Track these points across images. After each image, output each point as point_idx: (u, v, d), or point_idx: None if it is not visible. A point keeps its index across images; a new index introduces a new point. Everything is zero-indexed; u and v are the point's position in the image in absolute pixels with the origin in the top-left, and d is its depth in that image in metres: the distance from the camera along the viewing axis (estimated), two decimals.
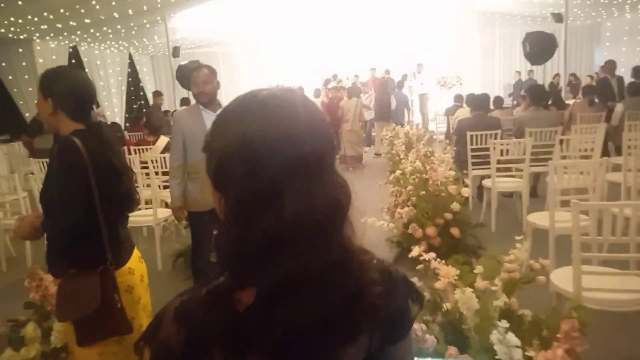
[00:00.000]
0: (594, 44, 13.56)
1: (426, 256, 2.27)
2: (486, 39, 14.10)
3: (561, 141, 5.16)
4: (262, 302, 0.63)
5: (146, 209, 4.44)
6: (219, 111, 3.00)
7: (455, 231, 3.90)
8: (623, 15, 12.15)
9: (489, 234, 4.60)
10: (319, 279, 0.63)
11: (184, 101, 9.23)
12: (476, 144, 5.38)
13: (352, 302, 0.65)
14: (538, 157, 5.08)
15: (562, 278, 2.48)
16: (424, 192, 4.20)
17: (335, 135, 7.41)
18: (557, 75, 11.09)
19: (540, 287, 2.18)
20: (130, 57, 13.43)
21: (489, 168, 5.46)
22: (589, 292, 2.29)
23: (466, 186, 4.16)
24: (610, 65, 8.27)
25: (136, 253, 2.01)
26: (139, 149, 6.05)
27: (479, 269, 2.22)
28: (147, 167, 5.25)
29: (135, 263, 1.96)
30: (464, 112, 7.27)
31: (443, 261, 2.23)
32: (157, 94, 9.23)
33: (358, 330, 0.67)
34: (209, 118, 3.05)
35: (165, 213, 4.37)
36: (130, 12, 8.75)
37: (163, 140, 6.16)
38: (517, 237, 2.22)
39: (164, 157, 5.27)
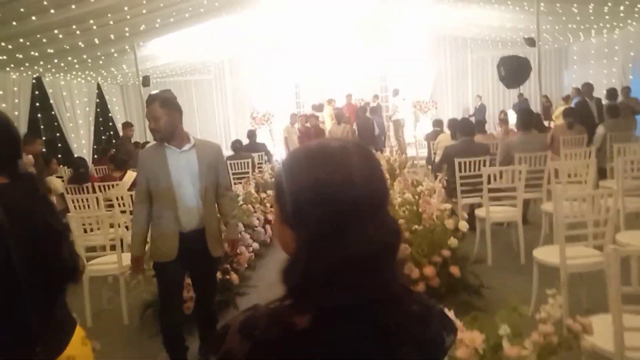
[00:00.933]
0: (562, 66, 13.75)
1: None
2: (459, 63, 14.15)
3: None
4: (317, 326, 0.70)
5: (110, 254, 3.93)
6: (186, 147, 2.75)
7: (455, 270, 3.53)
8: (589, 39, 12.37)
9: (486, 267, 4.25)
10: (369, 310, 0.71)
11: None
12: (465, 171, 5.09)
13: (393, 334, 0.73)
14: (529, 183, 4.81)
15: (597, 332, 2.12)
16: (417, 226, 3.84)
17: None
18: (545, 96, 11.10)
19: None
20: (99, 87, 12.88)
21: (479, 196, 5.19)
22: (632, 351, 1.92)
23: (462, 219, 3.81)
24: (587, 88, 8.26)
25: (79, 333, 1.55)
26: (103, 186, 5.54)
27: (504, 329, 1.84)
28: (112, 206, 4.75)
29: (77, 348, 1.51)
30: (446, 137, 7.03)
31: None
32: (127, 125, 8.69)
33: (402, 343, 0.74)
34: (173, 156, 2.72)
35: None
36: (96, 41, 8.29)
37: (131, 175, 5.67)
38: (549, 291, 1.84)
39: (132, 195, 4.79)
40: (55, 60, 9.01)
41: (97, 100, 12.86)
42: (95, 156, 10.83)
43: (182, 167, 2.70)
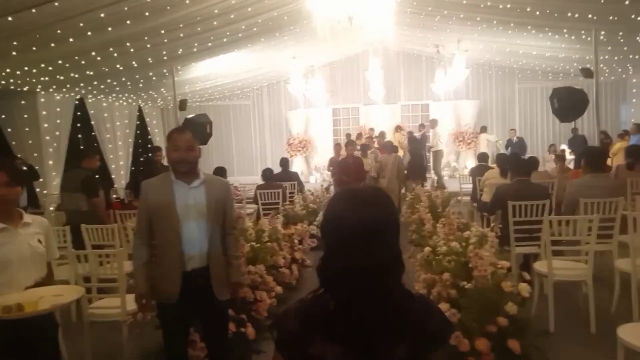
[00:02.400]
0: (619, 100, 12.74)
1: None
2: (506, 94, 13.38)
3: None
4: (339, 309, 1.06)
5: (114, 296, 3.47)
6: (196, 183, 2.54)
7: (514, 345, 2.84)
8: None
9: (549, 336, 3.52)
10: (377, 301, 1.05)
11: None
12: (520, 216, 4.39)
13: (398, 318, 1.07)
14: (598, 234, 4.06)
15: None
16: (467, 284, 3.19)
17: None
18: (604, 132, 10.20)
19: None
20: (140, 109, 12.91)
21: (535, 245, 4.47)
22: None
23: (525, 281, 3.13)
24: None
25: None
26: (123, 214, 5.17)
27: None
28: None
29: None
30: (494, 174, 6.33)
31: None
32: (156, 150, 8.42)
33: (403, 334, 1.06)
34: (181, 191, 2.51)
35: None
36: (134, 64, 8.17)
37: None
38: None
39: None
40: (95, 82, 8.97)
41: (138, 122, 12.89)
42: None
43: (190, 203, 2.50)
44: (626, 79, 12.55)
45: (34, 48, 6.24)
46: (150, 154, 13.56)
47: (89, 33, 6.20)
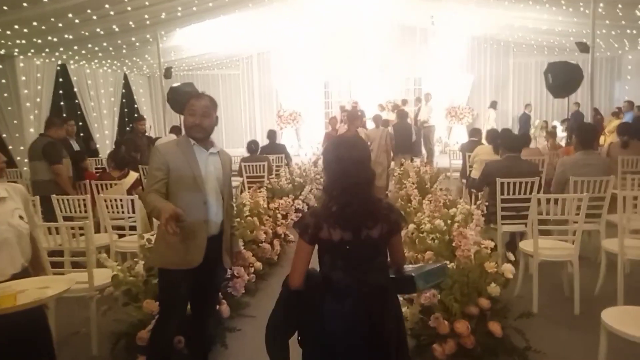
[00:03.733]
0: (614, 77, 12.53)
1: None
2: (500, 69, 13.11)
3: None
4: (339, 208, 1.77)
5: (82, 271, 3.31)
6: (213, 149, 2.56)
7: (495, 327, 2.74)
8: None
9: (532, 318, 3.43)
10: (364, 203, 1.79)
11: (175, 129, 8.04)
12: (509, 194, 4.26)
13: (374, 211, 1.80)
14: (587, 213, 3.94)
15: None
16: (449, 264, 3.06)
17: None
18: (595, 109, 10.02)
19: None
20: (125, 77, 12.50)
21: (522, 223, 4.35)
22: None
23: (510, 261, 2.99)
24: None
25: None
26: (100, 184, 4.96)
27: None
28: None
29: None
30: (485, 150, 6.16)
31: None
32: (139, 119, 8.08)
33: (377, 221, 1.78)
34: (202, 156, 2.47)
35: (106, 276, 3.24)
36: (115, 28, 7.79)
37: (132, 177, 5.08)
38: None
39: (132, 199, 4.19)
40: (76, 47, 8.58)
41: (124, 90, 12.51)
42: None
43: (210, 170, 2.48)
44: (622, 55, 12.32)
45: (5, 7, 5.88)
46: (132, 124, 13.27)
47: None
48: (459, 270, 2.89)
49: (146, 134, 8.56)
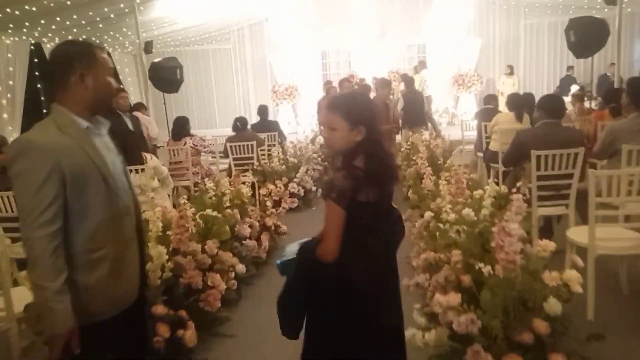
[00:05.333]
0: (635, 35, 11.43)
1: None
2: (510, 31, 12.01)
3: None
4: (372, 178, 1.62)
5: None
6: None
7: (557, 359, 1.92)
8: None
9: (585, 323, 2.63)
10: (390, 159, 1.79)
11: (138, 106, 7.04)
12: (546, 169, 3.40)
13: (392, 174, 1.75)
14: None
15: None
16: (483, 267, 2.23)
17: None
18: (613, 64, 9.04)
19: None
20: (109, 55, 11.52)
21: (563, 204, 3.50)
22: None
23: (574, 263, 2.16)
24: None
25: None
26: None
27: None
28: None
29: None
30: (507, 118, 5.27)
31: None
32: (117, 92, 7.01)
33: (393, 183, 1.76)
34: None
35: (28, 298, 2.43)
36: None
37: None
38: None
39: None
40: (43, 22, 7.64)
41: None
42: None
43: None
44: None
45: None
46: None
47: None
48: (503, 281, 2.05)
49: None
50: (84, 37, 8.19)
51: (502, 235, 2.15)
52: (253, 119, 8.27)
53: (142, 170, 4.09)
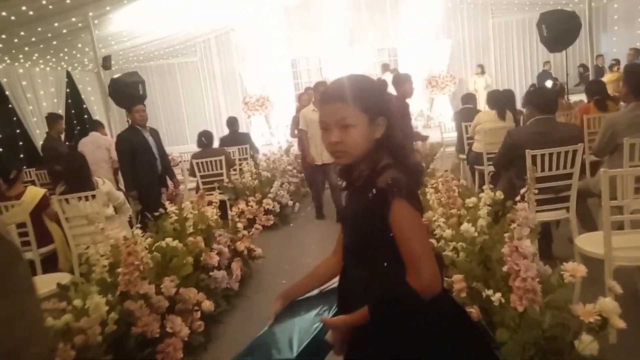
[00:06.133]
0: (600, 29, 11.42)
1: None
2: (479, 31, 11.87)
3: None
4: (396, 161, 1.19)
5: None
6: None
7: None
8: None
9: (607, 348, 2.24)
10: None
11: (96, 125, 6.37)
12: (542, 170, 3.04)
13: None
14: None
15: None
16: (494, 295, 1.82)
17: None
18: (601, 56, 8.90)
19: None
20: (69, 75, 10.89)
21: (562, 208, 3.16)
22: None
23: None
24: None
25: None
26: None
27: None
28: None
29: None
30: (489, 116, 4.95)
31: None
32: (54, 118, 6.41)
33: None
34: None
35: None
36: (29, 12, 6.27)
37: (34, 193, 3.71)
38: None
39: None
40: None
41: (68, 90, 10.91)
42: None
43: None
44: (607, 5, 11.22)
45: None
46: (87, 126, 11.66)
47: None
48: (526, 319, 1.64)
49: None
50: (35, 55, 7.55)
51: (516, 257, 1.75)
52: (225, 131, 7.79)
53: (93, 196, 3.57)
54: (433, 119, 11.34)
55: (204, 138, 5.31)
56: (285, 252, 4.39)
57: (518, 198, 2.18)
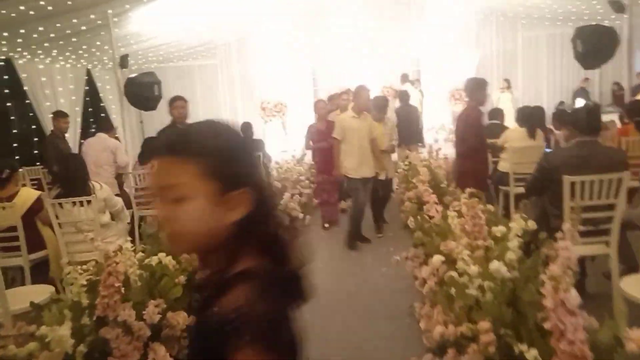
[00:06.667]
0: (635, 45, 10.89)
1: None
2: (508, 44, 11.46)
3: None
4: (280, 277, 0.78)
5: None
6: None
7: None
8: None
9: None
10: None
11: (105, 124, 6.18)
12: (582, 198, 2.69)
13: None
14: None
15: None
16: (529, 350, 1.49)
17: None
18: (617, 83, 8.43)
19: None
20: (89, 72, 10.86)
21: (601, 242, 2.79)
22: None
23: None
24: None
25: None
26: None
27: None
28: None
29: None
30: (518, 135, 4.60)
31: None
32: (58, 116, 6.26)
33: None
34: None
35: None
36: (46, 6, 6.17)
37: (28, 195, 3.50)
38: None
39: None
40: (6, 34, 6.95)
41: (87, 88, 10.88)
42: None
43: None
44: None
45: None
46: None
47: None
48: None
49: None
50: (54, 51, 7.49)
51: (562, 313, 1.42)
52: None
53: (88, 202, 3.35)
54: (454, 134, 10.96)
55: None
56: None
57: (560, 235, 1.85)
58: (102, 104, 11.36)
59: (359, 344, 3.03)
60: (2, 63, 8.37)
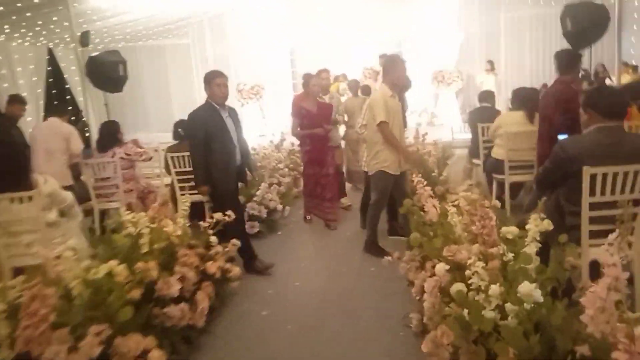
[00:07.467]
0: (620, 27, 10.66)
1: None
2: (490, 26, 11.06)
3: None
4: None
5: None
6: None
7: None
8: None
9: None
10: None
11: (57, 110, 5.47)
12: (603, 193, 2.32)
13: None
14: None
15: None
16: None
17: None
18: (602, 65, 8.15)
19: None
20: (50, 52, 10.04)
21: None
22: None
23: None
24: None
25: None
26: None
27: None
28: None
29: None
30: (514, 118, 4.22)
31: None
32: (13, 101, 5.65)
33: None
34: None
35: None
36: None
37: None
38: None
39: None
40: None
41: (49, 68, 10.07)
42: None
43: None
44: (626, 1, 10.44)
45: None
46: (69, 107, 10.80)
47: None
48: None
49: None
50: (6, 27, 6.67)
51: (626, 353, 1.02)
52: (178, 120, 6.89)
53: (30, 198, 2.82)
54: (437, 116, 10.61)
55: (181, 129, 4.55)
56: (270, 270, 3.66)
57: (605, 245, 1.46)
58: (67, 86, 10.57)
59: None
60: None
